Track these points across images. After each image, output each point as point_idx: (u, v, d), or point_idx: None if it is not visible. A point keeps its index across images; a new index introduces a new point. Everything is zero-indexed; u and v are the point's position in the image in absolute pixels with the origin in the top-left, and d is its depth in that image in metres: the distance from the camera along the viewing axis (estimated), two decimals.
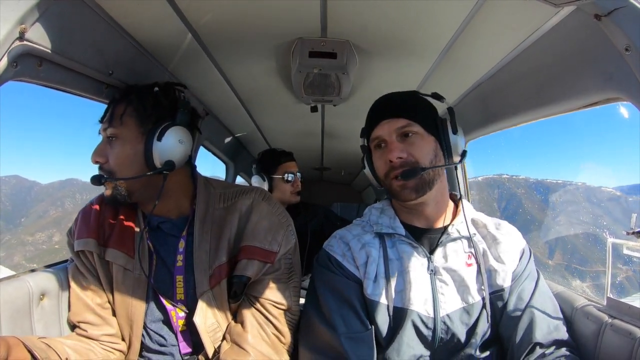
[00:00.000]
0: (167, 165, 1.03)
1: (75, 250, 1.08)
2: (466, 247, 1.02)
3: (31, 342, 0.87)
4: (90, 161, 1.03)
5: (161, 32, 1.12)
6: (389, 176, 1.00)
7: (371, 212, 1.14)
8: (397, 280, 0.99)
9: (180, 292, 1.08)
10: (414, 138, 0.99)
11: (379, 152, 1.03)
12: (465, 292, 0.98)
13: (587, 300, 1.03)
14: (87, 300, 1.07)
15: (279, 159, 2.11)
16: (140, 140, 1.03)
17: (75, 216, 1.15)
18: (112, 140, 1.03)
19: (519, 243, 1.05)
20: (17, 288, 0.96)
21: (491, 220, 1.10)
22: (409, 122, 0.99)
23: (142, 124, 1.04)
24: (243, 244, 1.09)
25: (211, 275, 1.07)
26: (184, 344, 1.09)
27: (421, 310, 0.96)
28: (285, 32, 1.15)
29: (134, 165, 1.03)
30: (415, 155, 0.97)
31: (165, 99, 1.08)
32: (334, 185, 4.48)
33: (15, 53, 0.75)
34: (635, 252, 0.96)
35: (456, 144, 1.01)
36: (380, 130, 1.01)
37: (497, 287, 0.99)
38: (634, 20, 0.72)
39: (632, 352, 0.82)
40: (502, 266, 1.00)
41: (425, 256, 1.00)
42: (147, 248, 1.09)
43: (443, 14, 1.01)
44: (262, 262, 1.07)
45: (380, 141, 1.02)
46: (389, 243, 1.04)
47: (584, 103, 0.98)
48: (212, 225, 1.10)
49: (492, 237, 1.05)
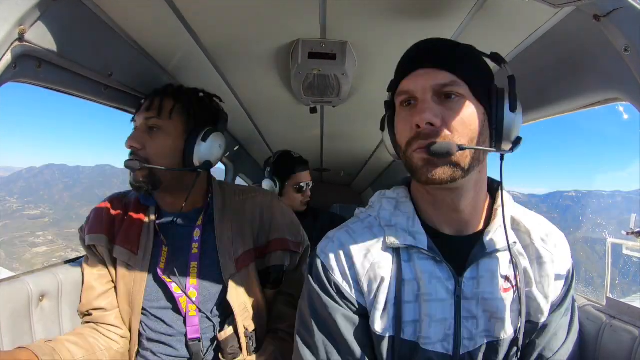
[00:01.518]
0: (206, 164, 1.14)
1: (87, 244, 1.15)
2: (505, 264, 0.78)
3: (38, 349, 0.91)
4: (125, 146, 1.09)
5: (160, 34, 1.12)
6: (411, 145, 0.73)
7: (382, 203, 0.86)
8: (410, 308, 0.76)
9: (193, 278, 1.13)
10: (457, 102, 0.71)
11: (406, 111, 0.75)
12: (497, 325, 0.76)
13: (587, 300, 1.03)
14: (97, 289, 1.13)
15: (294, 167, 2.09)
16: (182, 137, 1.12)
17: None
18: (154, 130, 1.10)
19: (566, 264, 0.82)
20: (16, 289, 0.97)
21: (537, 224, 0.84)
22: (454, 78, 0.71)
23: (187, 122, 1.13)
24: (274, 237, 1.22)
25: (237, 259, 1.15)
26: (191, 329, 1.12)
27: (438, 348, 0.75)
28: (284, 33, 1.15)
29: (171, 158, 1.10)
30: (453, 125, 0.70)
31: (209, 105, 1.21)
32: (334, 186, 4.48)
33: (14, 54, 0.74)
34: (635, 252, 0.96)
35: (511, 125, 0.74)
36: (411, 82, 0.74)
37: (532, 319, 0.79)
38: (633, 20, 0.72)
39: (632, 352, 0.82)
40: (543, 295, 0.79)
41: (452, 277, 0.76)
42: (158, 242, 1.15)
43: (443, 18, 1.01)
44: (294, 252, 1.25)
45: (410, 97, 0.74)
46: (405, 255, 0.78)
47: (583, 104, 0.98)
48: (231, 214, 1.20)
49: (537, 253, 0.80)
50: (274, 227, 1.23)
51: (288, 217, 1.29)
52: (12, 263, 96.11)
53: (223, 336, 1.10)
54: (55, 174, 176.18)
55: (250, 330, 1.14)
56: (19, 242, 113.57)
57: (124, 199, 1.22)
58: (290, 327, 1.19)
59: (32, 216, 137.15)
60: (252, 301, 1.18)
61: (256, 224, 1.22)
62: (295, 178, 2.08)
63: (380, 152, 2.75)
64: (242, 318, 1.13)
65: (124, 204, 1.20)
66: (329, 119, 2.11)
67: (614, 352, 0.87)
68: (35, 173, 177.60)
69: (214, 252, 1.15)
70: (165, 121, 1.10)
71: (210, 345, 1.14)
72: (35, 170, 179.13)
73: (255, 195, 1.27)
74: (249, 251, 1.19)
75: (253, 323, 1.16)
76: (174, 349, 1.12)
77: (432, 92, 0.72)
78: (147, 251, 1.13)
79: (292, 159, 2.12)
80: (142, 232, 1.15)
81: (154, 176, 1.09)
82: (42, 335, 1.01)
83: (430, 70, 0.72)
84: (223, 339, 1.10)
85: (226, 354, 1.10)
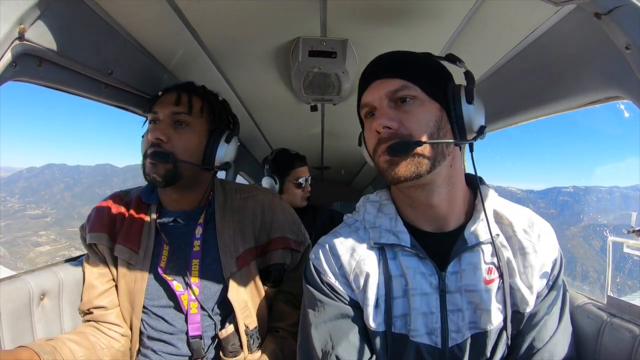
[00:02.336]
0: (226, 165, 1.17)
1: (87, 242, 1.15)
2: (487, 257, 0.80)
3: (39, 348, 0.91)
4: (149, 137, 1.08)
5: (161, 32, 1.12)
6: (376, 151, 0.79)
7: (366, 207, 0.90)
8: (399, 303, 0.80)
9: (195, 276, 1.13)
10: (411, 105, 0.77)
11: (369, 122, 0.82)
12: (483, 316, 0.78)
13: (587, 298, 1.03)
14: (98, 287, 1.13)
15: (292, 163, 2.11)
16: (205, 136, 1.14)
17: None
18: (181, 125, 1.11)
19: (551, 254, 0.82)
20: (17, 288, 0.97)
21: (519, 216, 0.85)
22: (404, 83, 0.77)
23: (212, 122, 1.17)
24: (275, 235, 1.23)
25: (238, 257, 1.16)
26: (193, 327, 1.12)
27: (426, 341, 0.79)
28: (284, 32, 1.14)
29: (194, 155, 1.12)
30: (408, 125, 0.75)
31: (228, 108, 1.26)
32: (334, 184, 4.48)
33: (14, 53, 0.74)
34: (635, 250, 0.96)
35: (470, 117, 0.78)
36: (369, 94, 0.81)
37: (517, 309, 0.80)
38: (634, 18, 0.72)
39: (633, 350, 0.82)
40: (527, 285, 0.80)
41: (435, 272, 0.79)
42: (159, 240, 1.15)
43: (443, 16, 1.00)
44: (295, 251, 1.26)
45: (371, 108, 0.81)
46: (390, 254, 0.82)
47: (585, 102, 0.97)
48: (232, 213, 1.20)
49: (519, 244, 0.82)
50: (275, 226, 1.24)
51: (289, 215, 1.30)
52: (16, 262, 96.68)
53: (224, 334, 1.11)
54: (56, 173, 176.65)
55: (251, 329, 1.14)
56: (22, 242, 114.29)
57: (125, 197, 1.22)
58: (290, 326, 1.19)
59: (34, 216, 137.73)
60: (253, 299, 1.18)
61: (257, 223, 1.22)
62: (294, 174, 2.09)
63: None
64: (243, 316, 1.13)
65: (125, 202, 1.20)
66: (330, 117, 2.11)
67: (614, 350, 0.87)
68: (36, 173, 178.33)
69: (215, 250, 1.15)
70: (195, 118, 1.12)
71: (211, 343, 1.14)
72: (35, 170, 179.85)
73: (257, 194, 1.27)
74: (250, 249, 1.19)
75: (254, 321, 1.17)
76: (175, 347, 1.13)
77: (388, 99, 0.78)
78: (148, 249, 1.13)
79: (289, 156, 2.15)
80: (143, 231, 1.15)
81: (177, 170, 1.09)
82: (43, 334, 1.02)
83: (384, 80, 0.79)
84: (224, 337, 1.10)
85: (227, 352, 1.11)
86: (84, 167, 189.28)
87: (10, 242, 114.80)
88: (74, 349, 1.00)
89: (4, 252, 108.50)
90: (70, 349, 0.99)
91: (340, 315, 0.82)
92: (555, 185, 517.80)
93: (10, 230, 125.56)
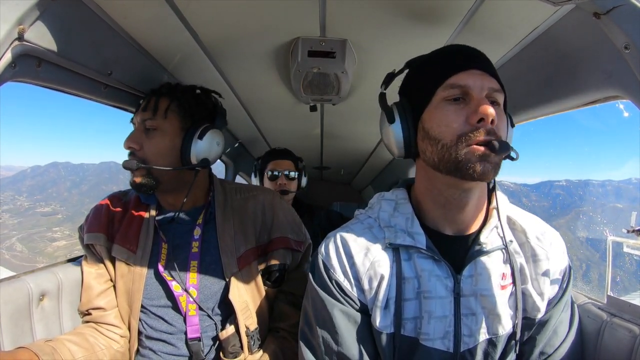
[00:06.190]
0: (204, 162, 1.12)
1: (85, 243, 1.15)
2: (501, 262, 0.80)
3: (39, 349, 0.91)
4: (123, 146, 1.09)
5: (160, 32, 1.11)
6: (466, 139, 0.71)
7: (381, 205, 0.88)
8: (411, 305, 0.78)
9: (193, 277, 1.13)
10: (500, 110, 0.75)
11: (454, 105, 0.74)
12: (495, 321, 0.78)
13: (587, 298, 1.03)
14: (96, 288, 1.13)
15: (269, 157, 2.15)
16: (179, 135, 1.12)
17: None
18: (150, 130, 1.10)
19: (561, 262, 0.83)
20: (17, 289, 0.97)
21: (531, 224, 0.86)
22: (499, 88, 0.77)
23: (184, 120, 1.13)
24: (275, 235, 1.22)
25: (239, 258, 1.15)
26: (191, 329, 1.12)
27: (438, 344, 0.77)
28: (284, 32, 1.14)
29: (168, 157, 1.10)
30: (500, 128, 0.74)
31: (206, 102, 1.20)
32: (334, 184, 4.48)
33: (14, 53, 0.74)
34: (635, 250, 0.96)
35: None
36: (469, 78, 0.74)
37: (528, 315, 0.81)
38: (633, 18, 0.72)
39: (633, 350, 0.82)
40: (538, 292, 0.81)
41: (450, 275, 0.78)
42: (158, 240, 1.15)
43: (443, 16, 1.00)
44: (296, 250, 1.25)
45: (463, 93, 0.74)
46: (405, 255, 0.80)
47: (584, 101, 0.97)
48: (232, 213, 1.20)
49: (532, 251, 0.82)
50: (276, 226, 1.23)
51: (290, 215, 1.30)
52: (35, 257, 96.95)
53: (224, 335, 1.10)
54: (61, 171, 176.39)
55: (252, 329, 1.14)
56: (38, 238, 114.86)
57: (124, 198, 1.22)
58: (291, 326, 1.19)
59: (45, 213, 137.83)
60: (254, 300, 1.18)
61: (258, 223, 1.22)
62: (269, 167, 2.12)
63: (380, 150, 2.75)
64: (243, 317, 1.12)
65: (123, 202, 1.20)
66: (329, 117, 2.11)
67: (614, 350, 0.87)
68: (41, 171, 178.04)
69: (215, 251, 1.15)
70: (160, 121, 1.10)
71: (212, 344, 1.14)
72: (40, 169, 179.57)
73: (257, 194, 1.27)
74: (251, 249, 1.19)
75: (254, 322, 1.16)
76: (174, 347, 1.12)
77: (487, 93, 0.74)
78: (147, 250, 1.13)
79: (269, 151, 2.19)
80: (141, 231, 1.15)
81: (152, 176, 1.09)
82: (42, 335, 1.01)
83: (485, 74, 0.75)
84: (224, 337, 1.10)
85: (227, 353, 1.10)
86: (89, 165, 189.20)
87: (27, 239, 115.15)
88: (74, 349, 1.00)
89: (22, 247, 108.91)
90: (70, 350, 0.99)
91: (345, 316, 0.80)
92: (549, 179, 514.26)
93: (23, 228, 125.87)
